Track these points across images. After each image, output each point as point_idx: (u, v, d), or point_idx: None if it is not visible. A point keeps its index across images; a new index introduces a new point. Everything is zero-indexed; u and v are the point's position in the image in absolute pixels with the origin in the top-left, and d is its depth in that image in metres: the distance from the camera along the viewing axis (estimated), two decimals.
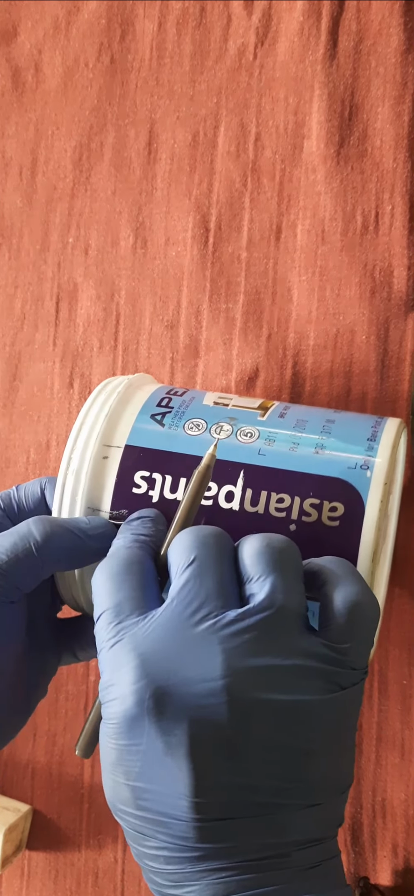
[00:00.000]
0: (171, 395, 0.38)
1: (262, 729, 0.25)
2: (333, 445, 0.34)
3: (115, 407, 0.36)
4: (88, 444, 0.35)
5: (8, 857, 0.47)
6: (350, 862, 0.44)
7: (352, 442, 0.34)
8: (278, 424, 0.35)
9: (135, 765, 0.26)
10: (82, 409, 0.37)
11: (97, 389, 0.38)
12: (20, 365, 0.51)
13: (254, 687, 0.25)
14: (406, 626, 0.43)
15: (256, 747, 0.25)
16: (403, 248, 0.44)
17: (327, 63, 0.45)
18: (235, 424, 0.35)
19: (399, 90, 0.44)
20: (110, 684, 0.26)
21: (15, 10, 0.52)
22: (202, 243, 0.47)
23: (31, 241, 0.51)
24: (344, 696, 0.27)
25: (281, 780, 0.26)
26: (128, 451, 0.35)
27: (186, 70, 0.48)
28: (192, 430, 0.35)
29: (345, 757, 0.28)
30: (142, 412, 0.36)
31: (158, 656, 0.26)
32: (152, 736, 0.25)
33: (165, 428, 0.35)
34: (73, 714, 0.49)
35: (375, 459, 0.33)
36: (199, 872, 0.25)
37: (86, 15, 0.50)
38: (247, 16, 0.47)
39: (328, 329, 0.45)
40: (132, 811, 0.26)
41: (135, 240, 0.49)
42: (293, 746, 0.26)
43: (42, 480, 0.37)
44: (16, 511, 0.36)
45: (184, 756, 0.25)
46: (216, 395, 0.38)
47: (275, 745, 0.26)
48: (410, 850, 0.43)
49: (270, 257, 0.46)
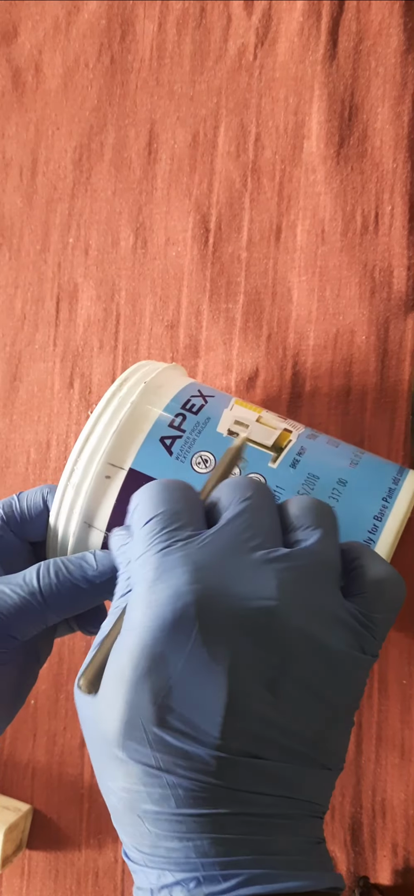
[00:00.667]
0: (186, 410, 0.35)
1: (300, 667, 0.25)
2: (338, 517, 0.31)
3: (125, 422, 0.34)
4: (93, 460, 0.34)
5: (8, 857, 0.47)
6: (350, 861, 0.44)
7: (357, 517, 0.32)
8: (288, 478, 0.33)
9: (168, 678, 0.24)
10: (92, 416, 0.35)
11: (110, 391, 0.36)
12: (20, 365, 0.51)
13: (301, 618, 0.25)
14: (406, 627, 0.43)
15: (293, 685, 0.25)
16: (402, 248, 0.44)
17: (327, 63, 0.45)
18: (243, 469, 0.33)
19: (399, 90, 0.44)
20: (157, 584, 0.25)
21: (15, 10, 0.52)
22: (202, 243, 0.48)
23: (31, 242, 0.51)
24: (365, 663, 0.27)
25: (310, 728, 0.25)
26: (131, 476, 0.33)
27: (186, 70, 0.48)
28: (200, 467, 0.33)
29: (348, 735, 0.28)
30: (152, 431, 0.34)
31: (213, 569, 0.25)
32: (198, 643, 0.24)
33: (172, 457, 0.34)
34: (73, 713, 0.49)
35: (375, 545, 0.31)
36: (205, 819, 0.24)
37: (86, 15, 0.50)
38: (247, 16, 0.47)
39: (328, 329, 0.45)
40: (156, 733, 0.24)
41: (135, 240, 0.49)
42: (324, 697, 0.26)
43: (44, 490, 0.36)
44: (18, 521, 0.36)
45: (224, 671, 0.24)
46: (234, 415, 0.36)
47: (309, 689, 0.25)
48: (409, 849, 0.43)
49: (270, 257, 0.46)
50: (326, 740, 0.26)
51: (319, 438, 0.36)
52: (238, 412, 0.36)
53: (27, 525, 0.36)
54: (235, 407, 0.36)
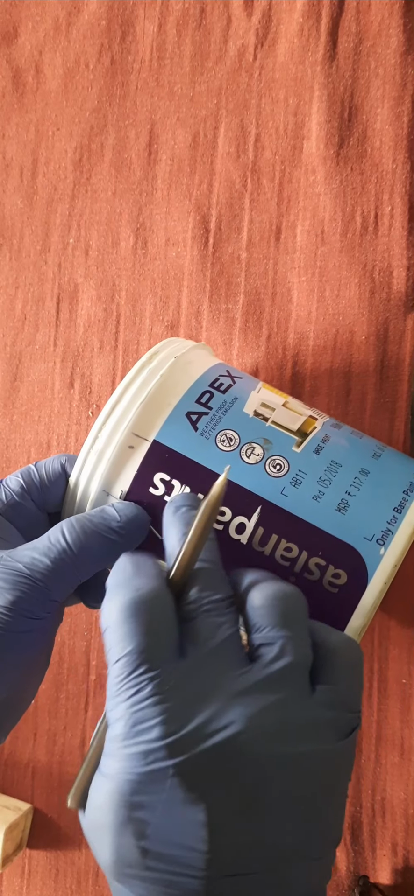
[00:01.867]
0: (214, 388, 0.35)
1: (277, 783, 0.26)
2: (357, 506, 0.32)
3: (153, 394, 0.34)
4: (118, 429, 0.34)
5: (8, 856, 0.47)
6: (350, 861, 0.44)
7: (378, 507, 0.32)
8: (310, 463, 0.33)
9: (148, 821, 0.25)
10: (120, 386, 0.35)
11: (140, 363, 0.35)
12: (21, 365, 0.51)
13: (269, 740, 0.26)
14: (406, 626, 0.44)
15: (273, 800, 0.26)
16: (402, 248, 0.44)
17: (327, 64, 0.46)
18: (268, 450, 0.33)
19: (399, 91, 0.44)
20: (128, 741, 0.26)
21: (15, 11, 0.52)
22: (202, 244, 0.48)
23: (31, 242, 0.51)
24: (348, 744, 0.27)
25: (294, 833, 0.26)
26: (154, 448, 0.33)
27: (186, 71, 0.48)
28: (224, 445, 0.33)
29: (342, 809, 0.28)
30: (180, 405, 0.34)
31: (183, 712, 0.26)
32: (174, 788, 0.25)
33: (198, 433, 0.33)
34: (73, 713, 0.49)
35: (393, 536, 0.31)
36: None
37: (86, 16, 0.50)
38: (247, 17, 0.47)
39: (328, 329, 0.45)
40: (141, 873, 0.25)
41: (135, 240, 0.49)
42: (306, 798, 0.26)
43: (61, 458, 0.36)
44: (38, 488, 0.36)
45: (202, 808, 0.25)
46: (261, 397, 0.36)
47: (290, 799, 0.26)
48: (409, 848, 0.43)
49: (270, 258, 0.46)
50: (315, 835, 0.26)
51: (344, 429, 0.36)
52: (265, 395, 0.36)
53: (46, 493, 0.36)
54: (263, 390, 0.36)
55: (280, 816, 0.26)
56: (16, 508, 0.35)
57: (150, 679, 0.26)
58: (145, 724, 0.25)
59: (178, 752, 0.25)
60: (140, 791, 0.25)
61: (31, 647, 0.32)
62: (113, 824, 0.25)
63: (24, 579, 0.31)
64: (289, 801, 0.26)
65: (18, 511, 0.35)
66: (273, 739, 0.26)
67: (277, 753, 0.26)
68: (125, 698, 0.26)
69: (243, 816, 0.25)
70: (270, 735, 0.26)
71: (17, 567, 0.31)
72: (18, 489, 0.35)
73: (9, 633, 0.30)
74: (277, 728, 0.26)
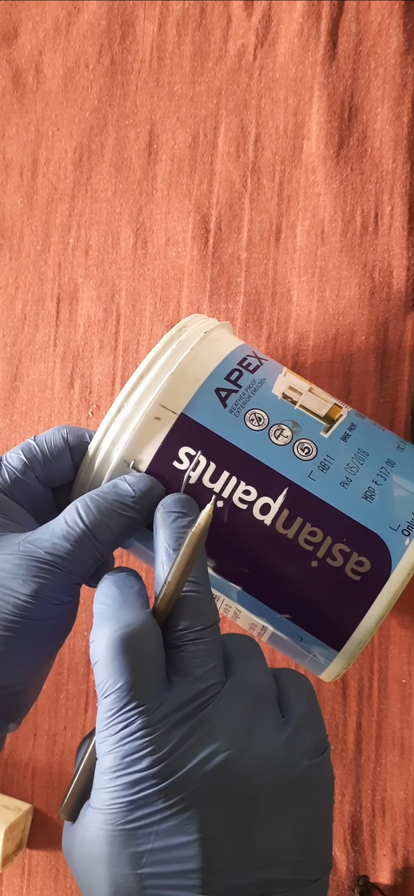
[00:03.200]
0: (242, 367, 0.35)
1: (266, 800, 0.26)
2: (383, 495, 0.32)
3: (183, 366, 0.33)
4: (145, 399, 0.33)
5: (8, 856, 0.47)
6: (350, 860, 0.44)
7: (404, 498, 0.32)
8: (338, 449, 0.33)
9: (143, 848, 0.26)
10: (151, 352, 0.34)
11: (169, 335, 0.35)
12: (21, 365, 0.51)
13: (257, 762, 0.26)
14: (406, 626, 0.44)
15: (262, 819, 0.26)
16: (402, 248, 0.44)
17: (327, 64, 0.46)
18: (296, 433, 0.33)
19: (399, 91, 0.44)
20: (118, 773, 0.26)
21: (15, 11, 0.52)
22: (202, 244, 0.48)
23: (31, 242, 0.51)
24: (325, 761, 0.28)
25: (290, 848, 0.26)
26: (181, 421, 0.33)
27: (186, 71, 0.48)
28: (253, 424, 0.33)
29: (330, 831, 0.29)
30: (209, 380, 0.34)
31: (170, 745, 0.26)
32: (165, 818, 0.25)
33: (226, 410, 0.33)
34: (73, 713, 0.49)
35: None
36: None
37: (86, 16, 0.50)
38: (247, 17, 0.47)
39: (328, 329, 0.45)
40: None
41: (135, 240, 0.49)
42: (299, 818, 0.27)
43: (62, 429, 0.35)
44: (40, 463, 0.35)
45: (194, 833, 0.25)
46: (288, 381, 0.35)
47: (279, 816, 0.26)
48: (409, 848, 0.43)
49: (270, 258, 0.46)
50: (308, 852, 0.27)
51: (367, 420, 0.36)
52: (291, 379, 0.36)
53: (50, 468, 0.35)
54: (288, 374, 0.36)
55: (270, 835, 0.26)
56: (19, 486, 0.34)
57: (139, 713, 0.26)
58: (135, 755, 0.26)
59: (167, 776, 0.26)
60: (132, 820, 0.26)
61: (54, 631, 0.31)
62: (108, 855, 0.26)
63: (46, 566, 0.30)
64: (279, 820, 0.26)
65: (22, 488, 0.34)
66: (260, 761, 0.26)
67: (264, 774, 0.26)
68: (114, 731, 0.27)
69: (234, 835, 0.26)
70: (256, 757, 0.26)
71: (37, 553, 0.30)
72: (20, 465, 0.34)
73: (33, 622, 0.30)
74: (263, 751, 0.27)
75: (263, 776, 0.26)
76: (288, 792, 0.27)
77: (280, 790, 0.26)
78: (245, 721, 0.27)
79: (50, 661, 0.34)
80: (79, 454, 0.35)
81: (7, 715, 0.31)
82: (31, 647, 0.31)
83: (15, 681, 0.31)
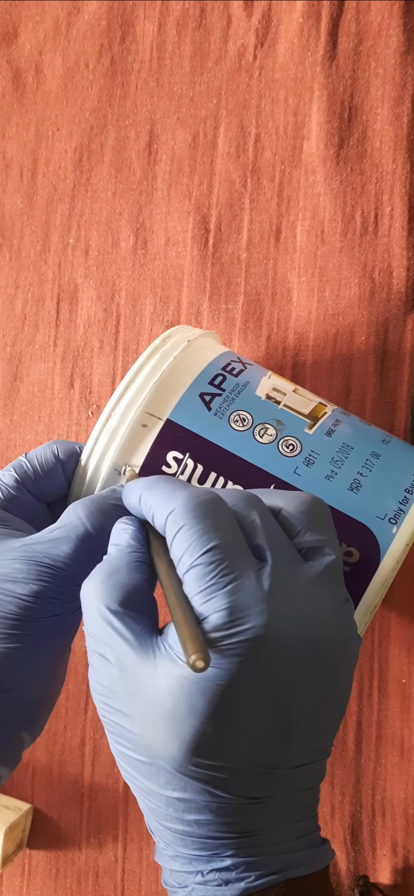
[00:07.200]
0: (226, 372, 0.36)
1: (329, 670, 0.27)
2: (369, 486, 0.32)
3: (167, 374, 0.34)
4: (131, 408, 0.34)
5: (8, 856, 0.47)
6: (350, 860, 0.44)
7: (389, 487, 0.32)
8: (323, 444, 0.34)
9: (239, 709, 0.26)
10: (136, 363, 0.35)
11: (153, 345, 0.36)
12: (21, 365, 0.51)
13: (336, 629, 0.28)
14: (406, 626, 0.44)
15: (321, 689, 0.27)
16: (402, 249, 0.44)
17: (327, 64, 0.46)
18: (280, 431, 0.34)
19: (398, 91, 0.44)
20: (232, 626, 0.26)
21: (15, 11, 0.52)
22: (202, 244, 0.48)
23: (31, 242, 0.51)
24: (350, 609, 0.29)
25: (330, 727, 0.29)
26: (168, 427, 0.34)
27: (186, 71, 0.48)
28: (237, 425, 0.34)
29: (340, 713, 0.30)
30: (193, 386, 0.35)
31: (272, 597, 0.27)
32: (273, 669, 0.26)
33: (211, 413, 0.34)
34: (73, 713, 0.49)
35: (405, 515, 0.32)
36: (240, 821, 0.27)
37: (86, 16, 0.50)
38: (247, 17, 0.47)
39: (328, 330, 0.45)
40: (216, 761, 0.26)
41: (135, 240, 0.49)
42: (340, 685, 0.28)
43: (52, 445, 0.36)
44: (32, 479, 0.35)
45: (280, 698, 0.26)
46: (272, 383, 0.36)
47: (335, 686, 0.28)
48: (409, 848, 0.43)
49: (270, 258, 0.46)
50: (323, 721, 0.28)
51: (352, 417, 0.36)
52: (275, 381, 0.37)
53: (42, 483, 0.35)
54: (273, 377, 0.37)
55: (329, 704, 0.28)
56: (14, 503, 0.35)
57: (240, 571, 0.26)
58: (246, 612, 0.26)
59: (275, 633, 0.26)
60: (239, 683, 0.25)
61: (59, 632, 0.32)
62: (193, 714, 0.25)
63: (46, 569, 0.31)
64: (336, 689, 0.28)
65: (17, 504, 0.35)
66: (338, 626, 0.28)
67: (341, 638, 0.28)
68: (223, 585, 0.26)
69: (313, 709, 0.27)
70: (339, 624, 0.28)
71: (38, 556, 0.31)
72: (13, 483, 0.35)
73: (36, 622, 0.30)
74: (340, 618, 0.28)
75: (338, 654, 0.28)
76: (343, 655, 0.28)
77: (341, 655, 0.28)
78: (327, 597, 0.28)
79: (59, 665, 0.34)
80: (70, 468, 0.36)
81: (19, 720, 0.32)
82: (35, 648, 0.31)
83: (22, 683, 0.31)
